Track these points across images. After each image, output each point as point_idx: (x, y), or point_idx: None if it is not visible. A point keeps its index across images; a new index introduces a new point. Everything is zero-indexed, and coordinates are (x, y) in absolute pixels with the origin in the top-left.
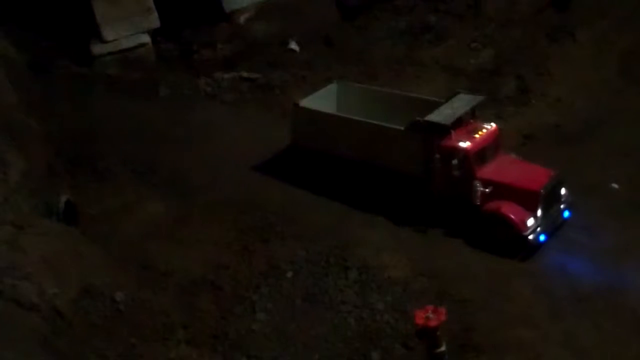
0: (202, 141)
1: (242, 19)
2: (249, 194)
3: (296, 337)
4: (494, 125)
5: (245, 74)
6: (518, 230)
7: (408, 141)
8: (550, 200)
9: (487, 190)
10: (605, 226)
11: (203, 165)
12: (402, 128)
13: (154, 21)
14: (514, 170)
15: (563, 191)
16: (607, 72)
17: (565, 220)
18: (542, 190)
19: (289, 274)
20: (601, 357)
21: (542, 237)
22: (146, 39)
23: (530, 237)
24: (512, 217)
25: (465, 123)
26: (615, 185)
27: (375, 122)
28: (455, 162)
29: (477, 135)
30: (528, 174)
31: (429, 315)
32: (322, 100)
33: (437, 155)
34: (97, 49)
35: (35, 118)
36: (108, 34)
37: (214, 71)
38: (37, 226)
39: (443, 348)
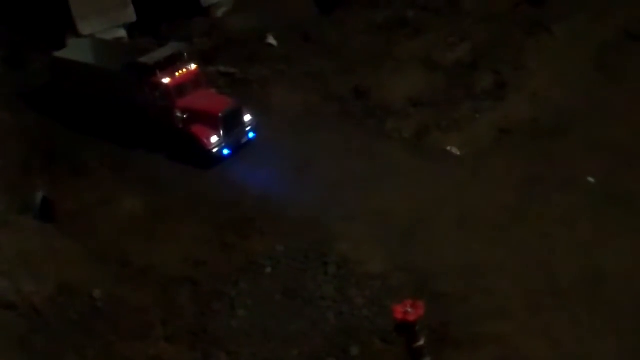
0: None
1: (219, 12)
2: (225, 189)
3: (275, 332)
4: (194, 66)
5: (222, 69)
6: (204, 145)
7: (127, 79)
8: (231, 123)
9: (184, 116)
10: None
11: (174, 161)
12: (119, 69)
13: (131, 15)
14: (205, 100)
15: (248, 117)
16: (584, 66)
17: (251, 140)
18: (220, 114)
19: (268, 270)
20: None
21: (225, 152)
22: (123, 33)
23: (214, 151)
24: (199, 135)
25: (174, 65)
26: (591, 179)
27: (99, 65)
28: (158, 94)
29: (177, 74)
30: (213, 102)
31: (407, 310)
32: (77, 52)
33: (147, 89)
34: None
35: (10, 113)
36: (84, 28)
37: None
38: (13, 223)
39: (422, 342)
